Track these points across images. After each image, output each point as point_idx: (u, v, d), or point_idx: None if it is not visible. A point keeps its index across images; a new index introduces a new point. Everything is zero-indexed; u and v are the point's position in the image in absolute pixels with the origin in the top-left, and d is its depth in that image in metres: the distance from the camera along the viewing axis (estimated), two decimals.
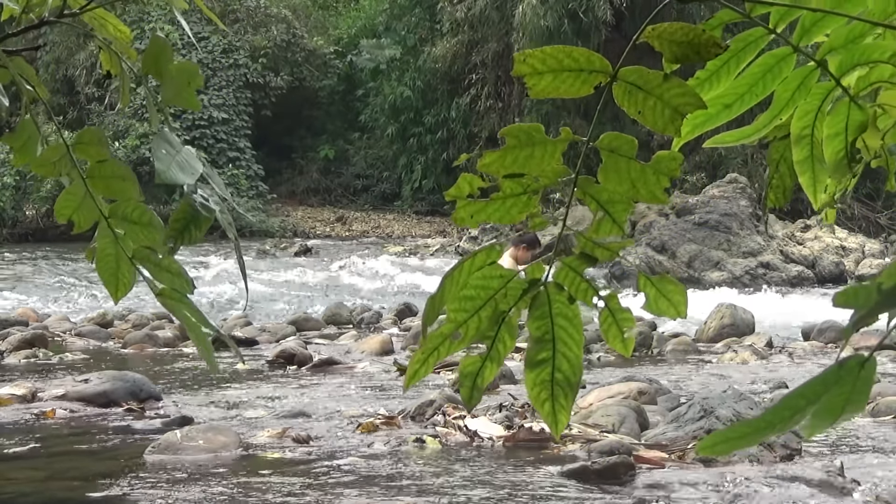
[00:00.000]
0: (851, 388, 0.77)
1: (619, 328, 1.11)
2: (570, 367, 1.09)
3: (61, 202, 1.30)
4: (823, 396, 0.77)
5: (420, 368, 1.11)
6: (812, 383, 0.78)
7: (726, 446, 0.80)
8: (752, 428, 0.78)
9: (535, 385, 1.10)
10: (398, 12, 30.67)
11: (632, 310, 1.14)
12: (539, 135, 1.03)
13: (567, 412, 1.10)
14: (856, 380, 0.77)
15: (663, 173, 1.04)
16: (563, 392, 1.10)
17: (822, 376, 0.78)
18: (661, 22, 1.06)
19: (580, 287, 1.10)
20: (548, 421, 1.12)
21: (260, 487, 4.18)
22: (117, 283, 1.34)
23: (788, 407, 0.77)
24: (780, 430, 0.78)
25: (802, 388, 0.78)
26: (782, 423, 0.77)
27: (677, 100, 1.01)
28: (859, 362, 0.78)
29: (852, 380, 0.77)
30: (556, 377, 1.10)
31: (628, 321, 1.12)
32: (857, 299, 0.76)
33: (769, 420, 0.77)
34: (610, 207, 1.07)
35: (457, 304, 1.07)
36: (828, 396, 0.77)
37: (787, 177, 1.29)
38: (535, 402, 1.11)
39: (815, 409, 0.76)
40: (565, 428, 5.15)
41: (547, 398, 1.11)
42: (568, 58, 1.00)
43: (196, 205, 1.22)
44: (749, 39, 1.13)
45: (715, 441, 0.80)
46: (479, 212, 1.07)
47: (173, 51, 1.40)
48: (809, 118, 1.15)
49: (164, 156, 1.20)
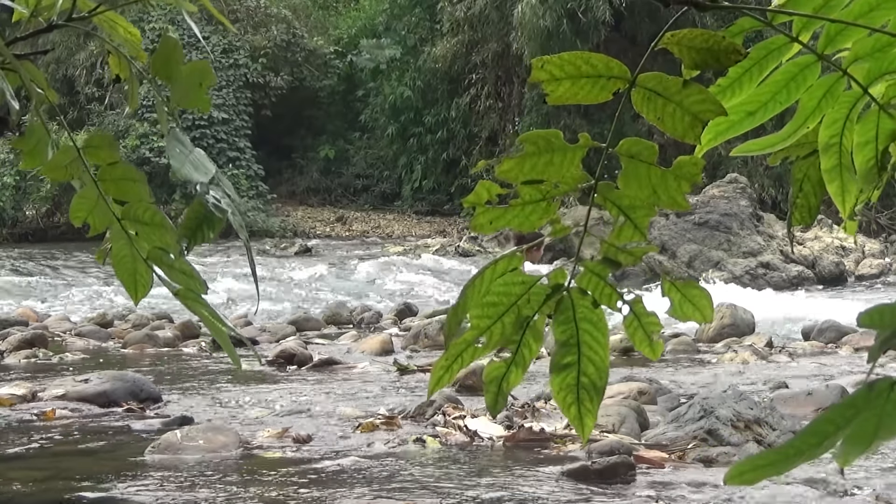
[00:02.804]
0: (882, 411, 0.75)
1: (646, 332, 1.11)
2: (596, 371, 1.09)
3: (76, 205, 1.30)
4: (854, 421, 0.75)
5: (444, 375, 1.10)
6: (840, 407, 0.76)
7: (755, 475, 0.78)
8: (781, 455, 0.76)
9: (560, 389, 1.09)
10: (398, 12, 30.66)
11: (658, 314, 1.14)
12: (558, 141, 1.02)
13: (593, 416, 1.10)
14: (886, 402, 0.75)
15: (684, 178, 1.03)
16: (589, 396, 1.09)
17: (850, 400, 0.75)
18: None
19: (604, 291, 1.10)
20: (574, 424, 1.12)
21: (260, 487, 4.17)
22: (136, 284, 1.34)
23: (817, 433, 0.75)
24: (808, 457, 0.76)
25: (831, 412, 0.76)
26: (811, 450, 0.76)
27: (697, 106, 1.01)
28: (890, 384, 0.76)
29: (882, 402, 0.75)
30: (582, 381, 1.09)
31: (655, 325, 1.12)
32: (883, 320, 0.75)
33: (798, 447, 0.76)
34: (631, 213, 1.06)
35: (479, 310, 1.07)
36: (858, 421, 0.75)
37: (811, 196, 1.28)
38: (561, 406, 1.11)
39: (846, 435, 0.74)
40: (564, 428, 5.11)
41: (573, 402, 1.10)
42: (586, 64, 0.99)
43: (209, 205, 1.22)
44: (771, 47, 1.12)
45: (743, 470, 0.78)
46: (498, 218, 1.07)
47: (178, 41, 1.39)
48: (837, 127, 1.14)
49: (179, 154, 1.20)
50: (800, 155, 1.25)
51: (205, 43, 27.12)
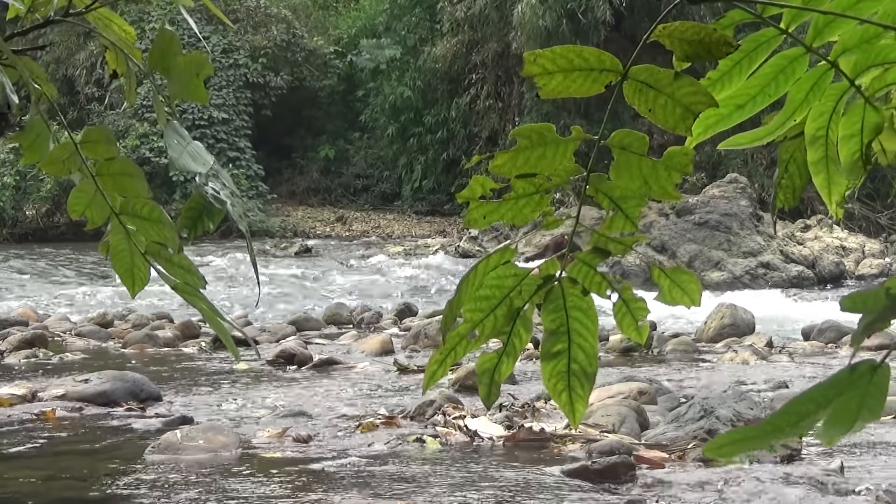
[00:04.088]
0: (864, 392, 0.76)
1: (634, 317, 1.12)
2: (586, 358, 1.11)
3: (73, 199, 1.30)
4: (835, 401, 0.76)
5: (438, 369, 1.12)
6: (822, 387, 0.76)
7: (731, 448, 0.79)
8: (759, 431, 0.77)
9: (551, 377, 1.11)
10: (398, 12, 30.66)
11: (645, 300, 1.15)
12: (551, 134, 1.03)
13: (584, 402, 1.11)
14: (868, 384, 0.76)
15: (675, 169, 1.04)
16: (580, 382, 1.11)
17: (832, 380, 0.76)
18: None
19: (594, 280, 1.11)
20: (565, 411, 1.13)
21: (260, 487, 4.17)
22: (133, 277, 1.35)
23: (796, 411, 0.76)
24: (787, 434, 0.76)
25: (811, 391, 0.77)
26: (790, 428, 0.76)
27: (688, 98, 1.01)
28: (872, 367, 0.76)
29: (864, 384, 0.76)
30: (573, 368, 1.11)
31: (642, 310, 1.14)
32: (865, 304, 0.76)
33: (776, 423, 0.76)
34: (622, 204, 1.07)
35: (472, 304, 1.08)
36: (840, 401, 0.76)
37: (796, 177, 1.28)
38: (552, 393, 1.12)
39: (828, 416, 0.75)
40: (564, 428, 5.10)
41: (564, 389, 1.12)
42: (578, 57, 1.00)
43: (208, 196, 1.23)
44: (761, 40, 1.12)
45: (721, 443, 0.79)
46: (491, 213, 1.07)
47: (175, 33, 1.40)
48: (824, 119, 1.14)
49: (177, 145, 1.20)
50: (787, 136, 1.25)
51: (205, 43, 27.12)
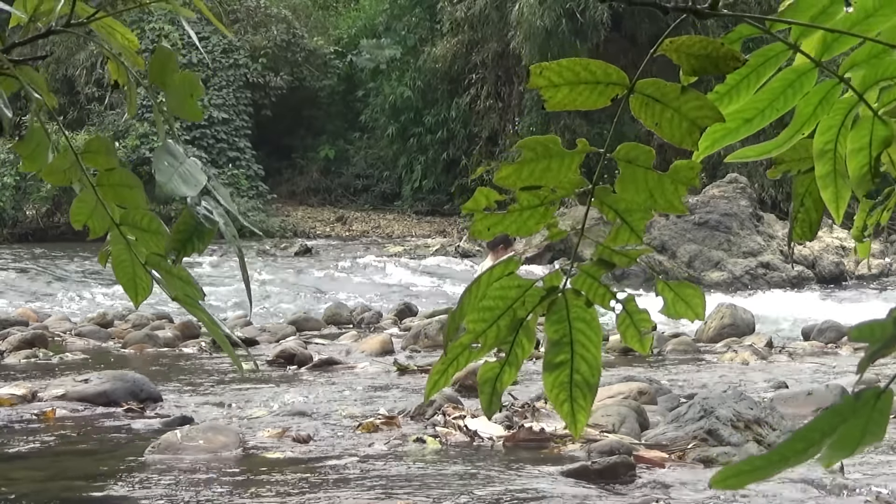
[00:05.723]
0: (867, 419, 0.77)
1: (637, 329, 1.13)
2: (589, 369, 1.11)
3: (76, 209, 1.31)
4: (840, 428, 0.77)
5: (440, 379, 1.12)
6: (827, 415, 0.77)
7: (738, 480, 0.79)
8: (766, 461, 0.78)
9: (553, 387, 1.11)
10: (398, 12, 30.64)
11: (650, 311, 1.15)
12: (556, 147, 1.03)
13: (586, 412, 1.12)
14: (872, 411, 0.77)
15: (681, 182, 1.04)
16: (582, 393, 1.11)
17: (836, 408, 0.77)
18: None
19: (598, 292, 1.11)
20: (567, 421, 1.14)
21: (260, 487, 4.18)
22: (136, 287, 1.35)
23: (803, 439, 0.77)
24: (794, 463, 0.77)
25: (817, 420, 0.78)
26: (796, 457, 0.77)
27: (695, 112, 1.01)
28: (876, 394, 0.78)
29: (868, 411, 0.77)
30: (575, 378, 1.11)
31: (646, 322, 1.14)
32: (873, 334, 0.77)
33: (783, 453, 0.77)
34: (627, 216, 1.07)
35: (476, 314, 1.08)
36: (844, 428, 0.77)
37: (812, 211, 1.29)
38: (554, 403, 1.12)
39: (832, 441, 0.76)
40: (564, 428, 5.10)
41: (566, 399, 1.12)
42: (585, 70, 1.00)
43: (199, 217, 1.22)
44: (769, 54, 1.12)
45: (727, 475, 0.80)
46: (496, 224, 1.08)
47: (174, 51, 1.40)
48: (832, 133, 1.14)
49: (166, 168, 1.20)
50: (801, 169, 1.26)
51: (205, 43, 27.11)
